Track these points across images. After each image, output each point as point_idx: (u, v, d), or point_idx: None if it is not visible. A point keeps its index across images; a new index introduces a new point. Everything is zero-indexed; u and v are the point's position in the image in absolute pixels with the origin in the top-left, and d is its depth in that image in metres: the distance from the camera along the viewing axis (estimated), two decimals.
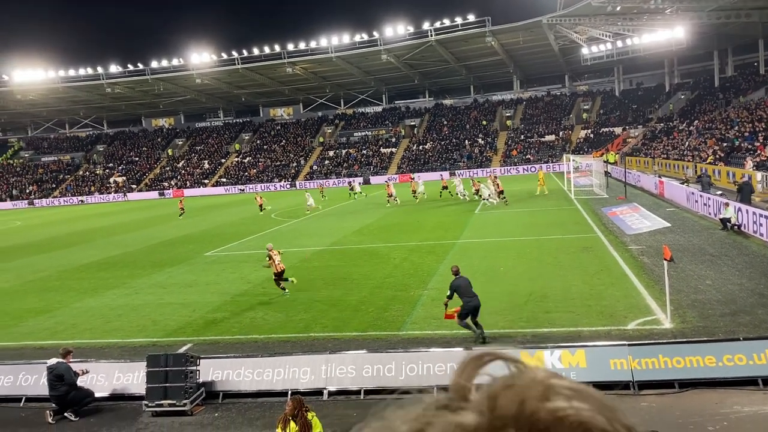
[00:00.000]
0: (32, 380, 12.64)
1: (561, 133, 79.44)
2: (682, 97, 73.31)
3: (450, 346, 12.58)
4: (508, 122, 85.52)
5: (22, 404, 12.51)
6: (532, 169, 68.49)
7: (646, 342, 11.87)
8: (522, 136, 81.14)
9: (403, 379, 11.46)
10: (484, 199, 39.18)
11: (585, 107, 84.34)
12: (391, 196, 44.03)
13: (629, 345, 11.46)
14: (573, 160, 45.16)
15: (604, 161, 46.10)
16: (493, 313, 15.29)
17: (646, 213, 27.56)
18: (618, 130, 74.99)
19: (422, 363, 11.67)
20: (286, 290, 18.72)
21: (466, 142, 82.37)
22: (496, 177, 45.29)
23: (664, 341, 11.90)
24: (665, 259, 13.46)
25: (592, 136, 76.28)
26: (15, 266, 28.29)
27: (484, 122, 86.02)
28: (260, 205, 44.94)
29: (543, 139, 79.34)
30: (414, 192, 46.16)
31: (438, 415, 0.53)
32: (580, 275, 18.51)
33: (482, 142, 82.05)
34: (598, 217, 30.09)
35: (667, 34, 62.55)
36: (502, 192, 39.93)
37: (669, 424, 9.53)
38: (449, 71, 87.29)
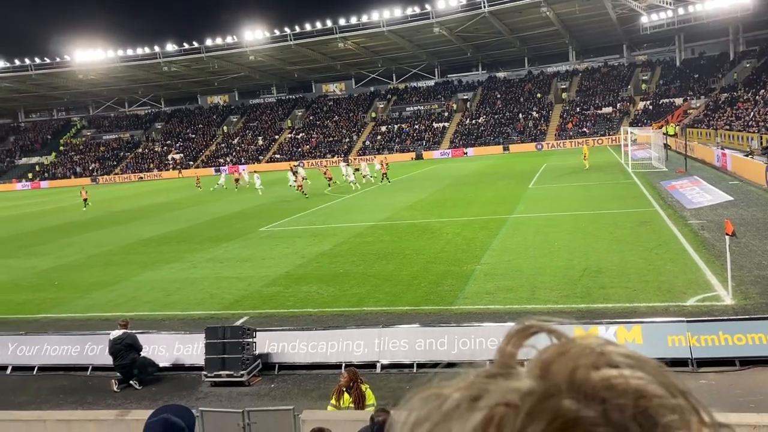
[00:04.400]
0: (98, 350, 13.17)
1: (618, 105, 77.28)
2: (747, 65, 70.13)
3: (502, 321, 12.53)
4: (564, 95, 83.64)
5: (89, 372, 13.08)
6: (580, 144, 66.93)
7: (706, 318, 11.58)
8: (578, 109, 79.32)
9: (456, 353, 11.50)
10: (364, 176, 45.14)
11: (644, 78, 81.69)
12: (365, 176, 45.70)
13: (688, 321, 11.20)
14: (631, 133, 43.95)
15: (664, 133, 44.71)
16: (547, 289, 15.15)
17: (707, 186, 26.68)
18: (678, 101, 72.42)
19: (475, 337, 11.67)
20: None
21: (520, 115, 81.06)
22: (385, 159, 49.79)
23: (725, 318, 11.58)
24: (727, 234, 13.03)
25: (651, 107, 73.96)
26: (79, 240, 29.39)
27: (539, 95, 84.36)
28: (329, 179, 46.12)
29: (600, 112, 77.39)
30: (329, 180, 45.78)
31: (490, 382, 0.53)
32: (637, 250, 18.11)
33: (536, 115, 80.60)
34: (657, 190, 29.29)
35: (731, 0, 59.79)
36: (385, 174, 44.88)
37: (729, 402, 9.30)
38: (503, 43, 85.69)
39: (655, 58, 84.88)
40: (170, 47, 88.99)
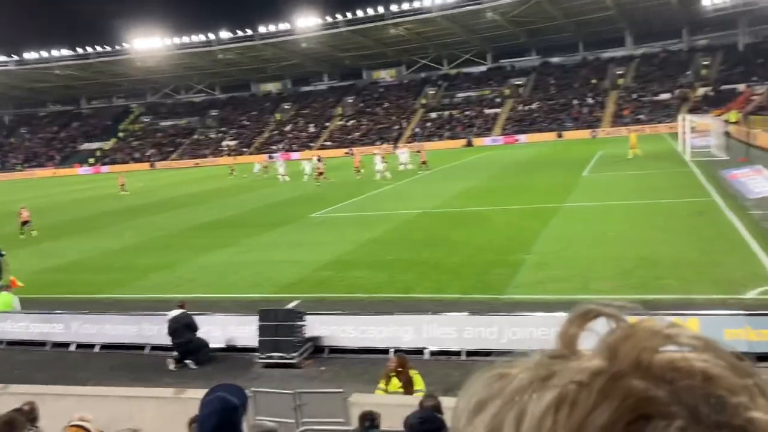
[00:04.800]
0: (155, 330, 13.63)
1: (677, 91, 74.93)
2: None
3: (553, 311, 12.43)
4: (620, 80, 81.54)
5: (146, 351, 13.56)
6: (636, 131, 65.03)
7: (767, 312, 11.26)
8: (634, 95, 77.27)
9: (505, 342, 11.48)
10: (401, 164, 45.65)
11: (704, 63, 78.84)
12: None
13: (747, 314, 10.92)
14: (689, 120, 42.60)
15: (725, 121, 43.20)
16: (599, 279, 14.95)
17: None
18: (741, 87, 69.72)
19: (525, 327, 11.63)
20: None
21: (574, 101, 79.47)
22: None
23: None
24: None
25: (711, 94, 71.47)
26: (139, 224, 30.31)
27: (594, 81, 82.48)
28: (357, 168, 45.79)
29: (657, 98, 75.22)
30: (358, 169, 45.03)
31: (556, 362, 0.53)
32: (694, 241, 17.66)
33: (591, 101, 78.89)
34: (716, 179, 28.39)
35: None
36: (425, 162, 44.40)
37: None
38: (557, 28, 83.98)
39: (717, 43, 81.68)
40: (224, 35, 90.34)
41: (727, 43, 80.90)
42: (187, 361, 12.56)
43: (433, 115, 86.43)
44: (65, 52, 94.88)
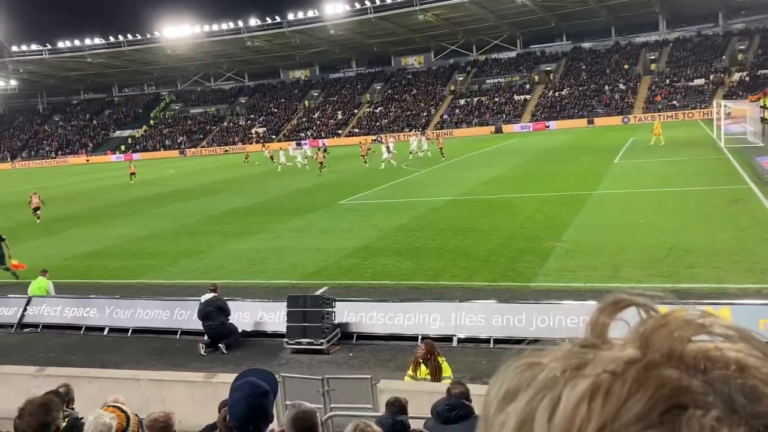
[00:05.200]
0: (186, 315, 13.83)
1: (712, 76, 73.28)
2: None
3: (583, 299, 12.31)
4: (653, 66, 79.97)
5: (177, 336, 13.76)
6: (669, 117, 63.82)
7: None
8: (667, 81, 75.79)
9: (534, 330, 11.41)
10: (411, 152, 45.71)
11: (740, 47, 76.82)
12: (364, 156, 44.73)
13: None
14: (725, 106, 41.67)
15: (761, 106, 42.16)
16: (631, 267, 14.76)
17: None
18: None
19: (554, 315, 11.54)
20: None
21: (606, 87, 78.24)
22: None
23: None
24: None
25: (747, 79, 69.76)
26: (170, 211, 30.70)
27: (626, 66, 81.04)
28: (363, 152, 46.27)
29: (691, 84, 73.67)
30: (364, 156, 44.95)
31: (588, 352, 0.53)
32: (728, 229, 17.32)
33: (623, 87, 77.57)
34: (752, 167, 27.78)
35: None
36: (441, 149, 44.14)
37: None
38: (588, 12, 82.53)
39: (754, 27, 79.50)
40: (253, 22, 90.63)
41: (763, 26, 78.66)
42: (220, 345, 12.70)
43: (462, 101, 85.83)
44: (97, 40, 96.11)
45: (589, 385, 0.50)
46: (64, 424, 4.50)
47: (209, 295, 12.88)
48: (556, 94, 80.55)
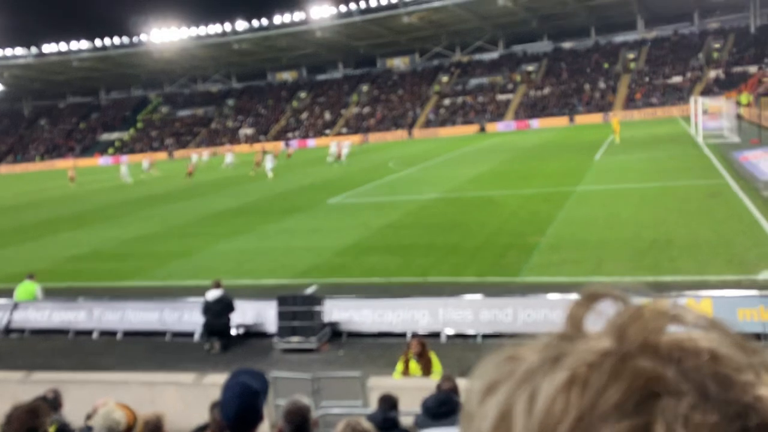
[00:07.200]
0: (176, 317, 13.87)
1: (688, 74, 74.18)
2: None
3: (567, 293, 12.54)
4: (631, 64, 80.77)
5: (167, 338, 13.75)
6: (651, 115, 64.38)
7: None
8: (646, 79, 76.59)
9: (520, 324, 11.63)
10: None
11: (716, 46, 77.78)
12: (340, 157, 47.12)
13: (761, 295, 10.97)
14: (701, 103, 42.22)
15: (737, 103, 42.74)
16: (614, 261, 15.02)
17: None
18: (753, 69, 68.79)
19: (539, 309, 11.76)
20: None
21: (586, 86, 78.89)
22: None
23: None
24: None
25: (723, 76, 70.64)
26: (158, 213, 30.58)
27: (606, 65, 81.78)
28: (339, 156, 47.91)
29: (669, 81, 74.52)
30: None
31: (565, 344, 0.54)
32: (708, 222, 17.66)
33: (603, 86, 78.27)
34: (728, 162, 28.23)
35: None
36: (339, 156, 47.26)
37: None
38: (568, 13, 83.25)
39: (728, 26, 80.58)
40: (240, 25, 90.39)
41: (738, 25, 79.79)
42: (216, 344, 12.75)
43: (447, 101, 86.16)
44: (83, 44, 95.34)
45: (567, 376, 0.50)
46: (52, 429, 4.57)
47: (217, 292, 12.81)
48: (538, 93, 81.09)
